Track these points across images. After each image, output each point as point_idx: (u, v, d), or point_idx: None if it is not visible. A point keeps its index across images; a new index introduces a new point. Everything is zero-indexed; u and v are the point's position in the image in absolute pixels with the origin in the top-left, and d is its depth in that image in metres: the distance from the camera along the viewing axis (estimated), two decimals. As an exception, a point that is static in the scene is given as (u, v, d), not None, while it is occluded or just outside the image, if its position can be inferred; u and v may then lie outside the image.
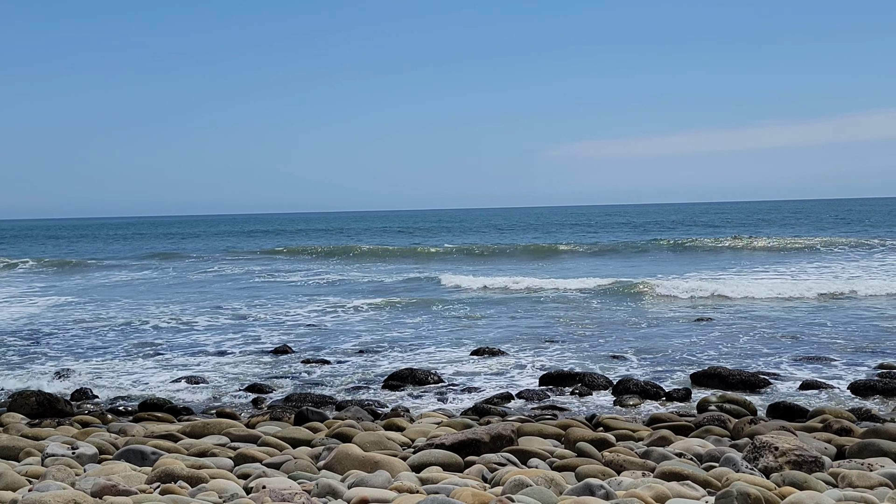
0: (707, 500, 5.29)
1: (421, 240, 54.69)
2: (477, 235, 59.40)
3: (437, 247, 41.54)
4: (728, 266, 28.32)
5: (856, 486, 5.61)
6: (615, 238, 48.69)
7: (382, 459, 6.25)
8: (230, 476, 6.04)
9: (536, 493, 5.15)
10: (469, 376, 11.66)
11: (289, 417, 8.94)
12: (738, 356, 12.48)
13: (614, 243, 40.39)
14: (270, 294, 23.20)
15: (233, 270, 32.82)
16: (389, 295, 21.82)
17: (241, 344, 14.64)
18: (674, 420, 8.40)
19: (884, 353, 12.37)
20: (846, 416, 8.34)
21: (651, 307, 18.26)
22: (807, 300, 18.33)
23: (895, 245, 33.00)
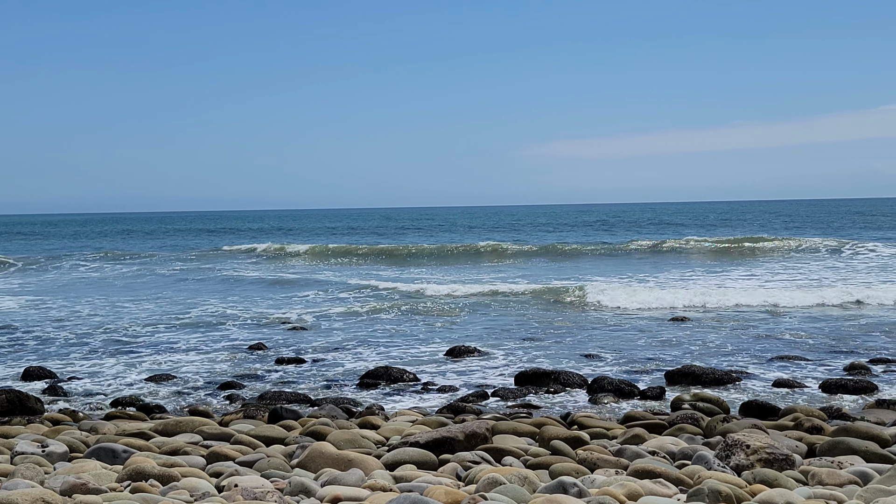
0: (679, 497, 5.32)
1: (378, 239, 54.38)
2: (449, 235, 59.42)
3: (408, 246, 41.01)
4: (686, 269, 28.46)
5: (825, 483, 5.66)
6: (575, 238, 48.51)
7: (356, 458, 6.23)
8: (202, 475, 6.00)
9: (510, 492, 5.16)
10: (444, 375, 11.66)
11: (262, 416, 8.89)
12: (712, 355, 12.57)
13: (568, 244, 39.89)
14: (246, 292, 23.09)
15: (210, 268, 32.62)
16: (363, 294, 21.79)
17: (216, 342, 14.55)
18: (647, 418, 8.44)
19: (855, 353, 12.50)
20: (817, 415, 8.42)
21: (609, 311, 18.32)
22: (775, 306, 18.49)
23: (862, 246, 33.22)
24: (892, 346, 13.04)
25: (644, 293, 18.75)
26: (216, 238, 60.44)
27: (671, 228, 59.38)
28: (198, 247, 48.46)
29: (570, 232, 59.35)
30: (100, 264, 35.66)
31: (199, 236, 65.12)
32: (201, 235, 66.34)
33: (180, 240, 59.28)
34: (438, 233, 63.30)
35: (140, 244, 55.29)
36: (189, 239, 60.44)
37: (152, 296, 22.43)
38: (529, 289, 20.92)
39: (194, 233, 71.22)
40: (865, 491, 5.31)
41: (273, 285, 24.94)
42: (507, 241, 42.67)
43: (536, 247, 38.38)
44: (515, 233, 59.82)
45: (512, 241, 42.57)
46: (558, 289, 20.48)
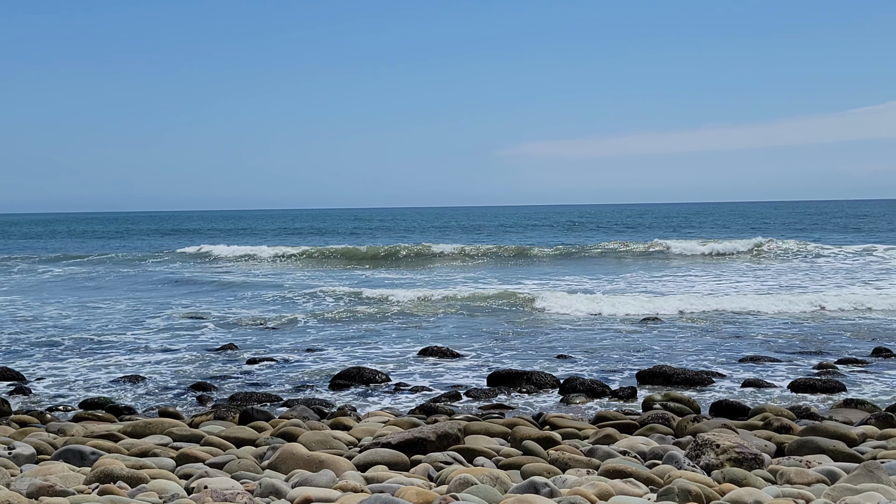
0: (650, 497, 5.35)
1: (345, 240, 54.02)
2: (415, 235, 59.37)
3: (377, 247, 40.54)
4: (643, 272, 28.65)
5: (794, 482, 5.71)
6: (542, 240, 48.30)
7: (327, 459, 6.20)
8: (171, 476, 5.95)
9: (481, 492, 5.16)
10: (417, 375, 11.65)
11: (233, 417, 8.83)
12: (683, 356, 12.65)
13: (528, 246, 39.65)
14: (217, 293, 22.93)
15: (182, 269, 32.38)
16: (331, 295, 21.71)
17: (186, 342, 14.44)
18: (619, 418, 8.47)
19: (824, 354, 12.64)
20: (786, 415, 8.50)
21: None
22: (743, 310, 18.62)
23: (829, 250, 33.50)
24: (859, 346, 13.19)
25: (603, 300, 18.62)
26: (183, 238, 59.67)
27: (638, 231, 59.53)
28: (169, 246, 47.87)
29: (535, 233, 59.44)
30: (78, 264, 35.25)
31: (168, 237, 64.51)
32: (169, 236, 65.69)
33: (137, 241, 58.39)
34: (408, 233, 63.05)
35: (118, 242, 54.71)
36: (155, 240, 59.79)
37: (123, 296, 22.21)
38: (498, 290, 20.94)
39: (158, 234, 70.28)
40: (833, 490, 5.36)
41: (240, 287, 24.77)
42: (477, 243, 42.47)
43: (496, 247, 38.16)
44: (476, 234, 59.85)
45: (472, 243, 41.78)
46: (516, 293, 20.52)
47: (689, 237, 46.27)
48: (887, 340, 13.52)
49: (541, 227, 68.09)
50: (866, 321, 15.66)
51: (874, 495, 5.14)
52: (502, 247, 38.23)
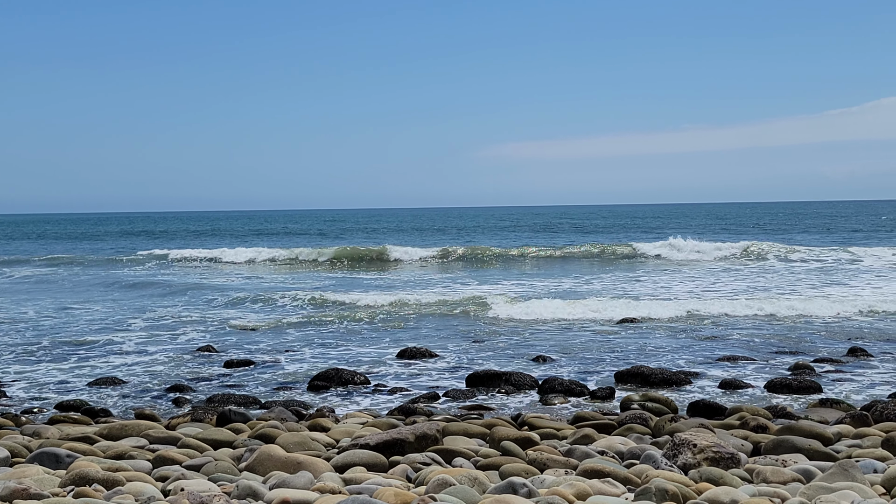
0: (627, 496, 5.37)
1: (315, 241, 53.71)
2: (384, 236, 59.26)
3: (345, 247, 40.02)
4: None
5: (770, 481, 5.75)
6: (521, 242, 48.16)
7: (305, 460, 6.18)
8: (148, 479, 5.90)
9: (459, 492, 5.16)
10: (395, 377, 11.63)
11: (210, 418, 8.77)
12: (661, 356, 12.72)
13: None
14: (195, 294, 22.79)
15: (161, 270, 32.18)
16: (308, 297, 21.65)
17: (164, 344, 14.35)
18: (597, 418, 8.50)
19: (801, 353, 12.74)
20: (762, 414, 8.56)
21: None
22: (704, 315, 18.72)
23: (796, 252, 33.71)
24: (835, 346, 13.31)
25: (580, 304, 18.59)
26: (159, 240, 59.09)
27: (615, 232, 59.59)
28: (129, 250, 47.23)
29: (512, 234, 59.40)
30: (56, 265, 34.91)
31: (139, 238, 63.96)
32: (139, 237, 65.11)
33: (101, 243, 57.54)
34: (382, 235, 62.67)
35: (99, 243, 54.16)
36: (126, 241, 59.15)
37: (101, 298, 22.04)
38: (474, 293, 20.96)
39: (130, 235, 69.55)
40: (808, 488, 5.40)
41: (213, 289, 24.63)
42: (454, 244, 42.35)
43: (472, 248, 37.94)
44: (445, 235, 59.78)
45: (448, 245, 41.20)
46: (489, 294, 20.53)
47: (666, 239, 46.52)
48: (862, 340, 13.65)
49: (517, 229, 68.09)
50: (841, 321, 15.79)
51: (849, 494, 5.19)
52: (480, 248, 38.11)
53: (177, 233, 72.94)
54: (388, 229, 73.96)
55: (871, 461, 6.27)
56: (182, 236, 65.84)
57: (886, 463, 6.31)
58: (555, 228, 67.72)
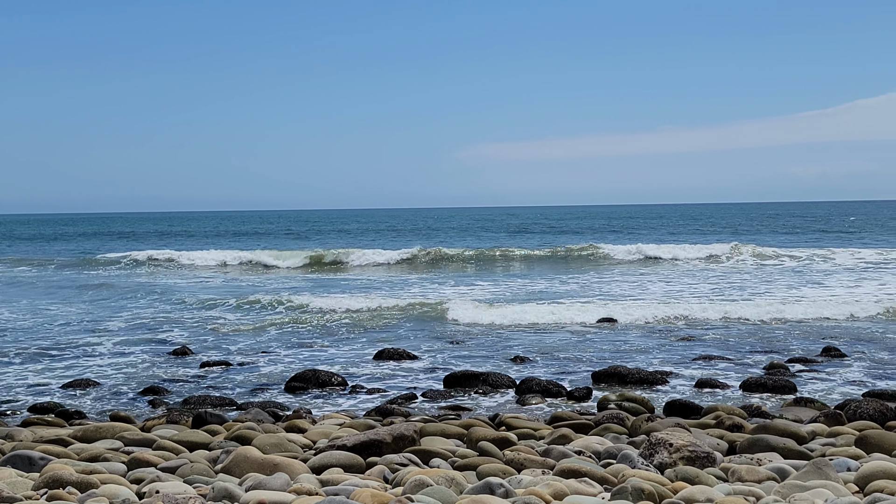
0: (604, 496, 5.38)
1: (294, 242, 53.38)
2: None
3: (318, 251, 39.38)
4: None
5: (745, 480, 5.79)
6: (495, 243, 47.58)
7: (282, 461, 6.15)
8: (122, 481, 5.85)
9: (437, 493, 5.15)
10: (373, 378, 11.61)
11: (186, 420, 8.72)
12: (638, 356, 12.78)
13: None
14: (169, 295, 22.63)
15: (136, 270, 31.92)
16: (284, 298, 21.57)
17: (139, 345, 14.23)
18: (574, 418, 8.53)
19: (776, 353, 12.85)
20: (738, 413, 8.62)
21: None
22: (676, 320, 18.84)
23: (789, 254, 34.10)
24: (809, 346, 13.43)
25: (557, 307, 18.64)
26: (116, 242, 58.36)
27: (587, 234, 59.34)
28: (129, 248, 46.87)
29: (486, 235, 59.15)
30: (33, 266, 34.50)
31: (129, 239, 63.29)
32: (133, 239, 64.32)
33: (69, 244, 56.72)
34: (356, 236, 62.32)
35: (77, 245, 53.58)
36: (101, 242, 58.45)
37: (76, 299, 21.83)
38: (450, 293, 20.94)
39: (106, 236, 68.53)
40: (783, 487, 5.45)
41: (183, 291, 24.49)
42: (436, 246, 42.13)
43: (436, 249, 37.37)
44: (411, 236, 59.55)
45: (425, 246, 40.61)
46: (464, 297, 20.53)
47: (642, 240, 46.67)
48: (835, 340, 13.78)
49: (493, 230, 67.93)
50: (814, 321, 15.93)
51: (822, 492, 5.23)
52: (456, 250, 37.80)
53: (147, 234, 71.72)
54: (361, 230, 73.53)
55: (844, 459, 6.33)
56: (150, 237, 64.72)
57: (860, 461, 6.37)
58: (531, 229, 67.61)
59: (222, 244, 49.44)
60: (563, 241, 47.60)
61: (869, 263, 29.23)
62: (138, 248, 42.15)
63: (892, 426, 7.80)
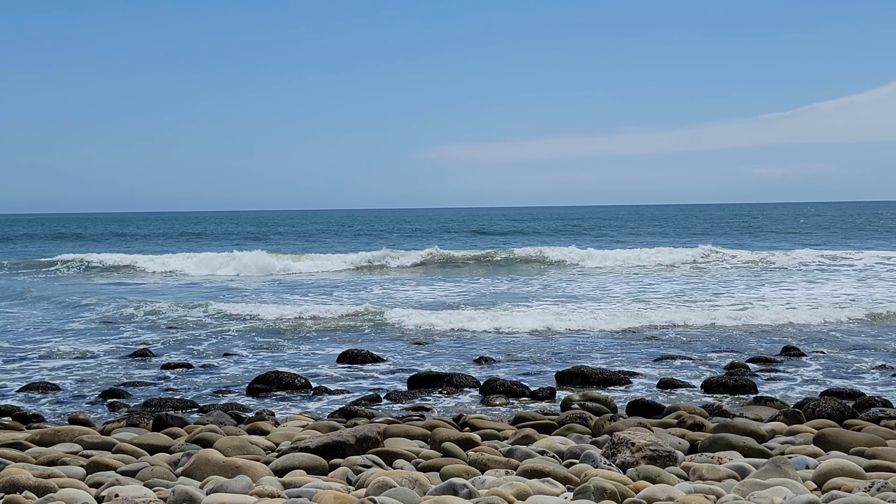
0: (567, 495, 5.41)
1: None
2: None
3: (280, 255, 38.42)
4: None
5: (705, 478, 5.85)
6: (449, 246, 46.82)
7: (244, 464, 6.10)
8: (81, 485, 5.77)
9: (399, 494, 5.14)
10: (336, 380, 11.57)
11: (147, 423, 8.61)
12: (601, 357, 12.86)
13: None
14: (131, 297, 22.38)
15: (100, 271, 31.50)
16: (249, 300, 21.45)
17: (99, 347, 14.04)
18: (538, 419, 8.55)
19: (737, 352, 13.00)
20: (699, 413, 8.71)
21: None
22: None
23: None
24: (769, 345, 13.61)
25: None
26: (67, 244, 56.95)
27: (549, 235, 59.05)
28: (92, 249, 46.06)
29: (447, 236, 58.58)
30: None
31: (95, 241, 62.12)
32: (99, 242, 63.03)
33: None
34: (313, 238, 61.45)
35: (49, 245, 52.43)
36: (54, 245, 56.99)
37: (34, 298, 21.49)
38: (416, 295, 20.90)
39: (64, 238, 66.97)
40: (742, 485, 5.51)
41: (158, 290, 24.26)
42: (401, 248, 41.86)
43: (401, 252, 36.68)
44: (350, 235, 59.26)
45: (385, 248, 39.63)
46: (435, 300, 20.49)
47: (603, 240, 46.95)
48: (794, 339, 13.98)
49: (452, 232, 67.19)
50: (774, 321, 16.13)
51: (781, 489, 5.30)
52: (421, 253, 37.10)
53: (102, 236, 69.75)
54: (320, 231, 72.77)
55: (803, 457, 6.41)
56: (104, 239, 63.06)
57: (818, 459, 6.47)
58: (490, 231, 67.17)
59: (174, 247, 48.38)
60: (530, 241, 47.45)
61: (822, 264, 29.58)
62: (82, 251, 40.86)
63: (849, 424, 7.92)
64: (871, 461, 6.34)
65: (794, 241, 45.36)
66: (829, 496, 5.14)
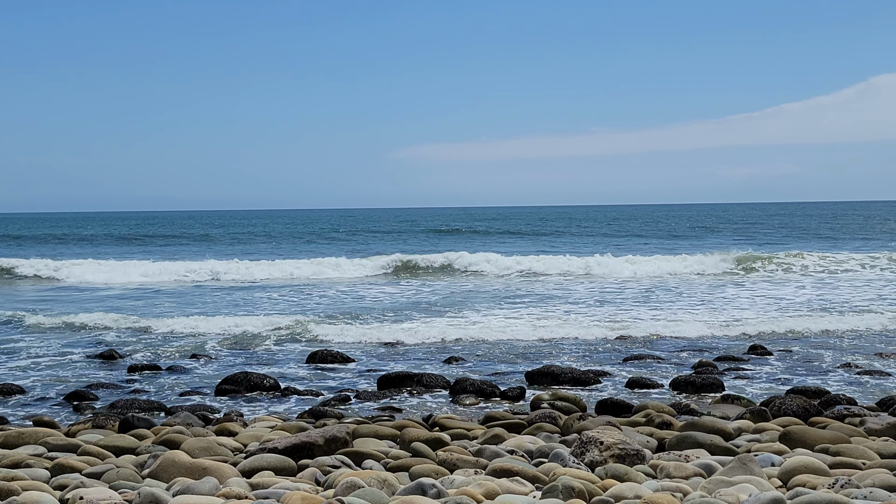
0: (535, 495, 5.42)
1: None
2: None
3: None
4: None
5: (673, 476, 5.89)
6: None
7: (211, 465, 6.05)
8: (45, 488, 5.70)
9: (368, 495, 5.13)
10: (306, 380, 11.51)
11: (113, 425, 8.51)
12: (571, 356, 12.91)
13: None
14: (93, 298, 22.12)
15: (68, 271, 31.07)
16: (214, 299, 21.29)
17: (64, 349, 13.86)
18: (507, 418, 8.57)
19: (704, 352, 13.11)
20: (667, 411, 8.76)
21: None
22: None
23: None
24: (736, 344, 13.74)
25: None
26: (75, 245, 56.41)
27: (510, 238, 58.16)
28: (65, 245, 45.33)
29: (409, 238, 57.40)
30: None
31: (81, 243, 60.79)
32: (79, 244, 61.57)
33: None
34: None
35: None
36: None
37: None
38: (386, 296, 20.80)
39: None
40: (709, 482, 5.56)
41: (124, 291, 23.98)
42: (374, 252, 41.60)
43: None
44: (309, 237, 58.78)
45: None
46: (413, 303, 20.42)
47: (563, 239, 46.80)
48: (760, 338, 14.12)
49: (410, 232, 65.61)
50: (740, 321, 16.27)
51: (747, 487, 5.35)
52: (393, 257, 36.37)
53: (46, 238, 66.98)
54: (259, 233, 70.81)
55: (768, 455, 6.48)
56: (43, 242, 60.76)
57: (783, 456, 6.54)
58: (454, 232, 65.44)
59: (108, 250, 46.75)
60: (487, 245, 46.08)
61: (788, 266, 29.84)
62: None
63: (815, 422, 8.02)
64: (835, 458, 6.43)
65: (757, 242, 45.80)
66: (793, 493, 5.20)
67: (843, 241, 44.59)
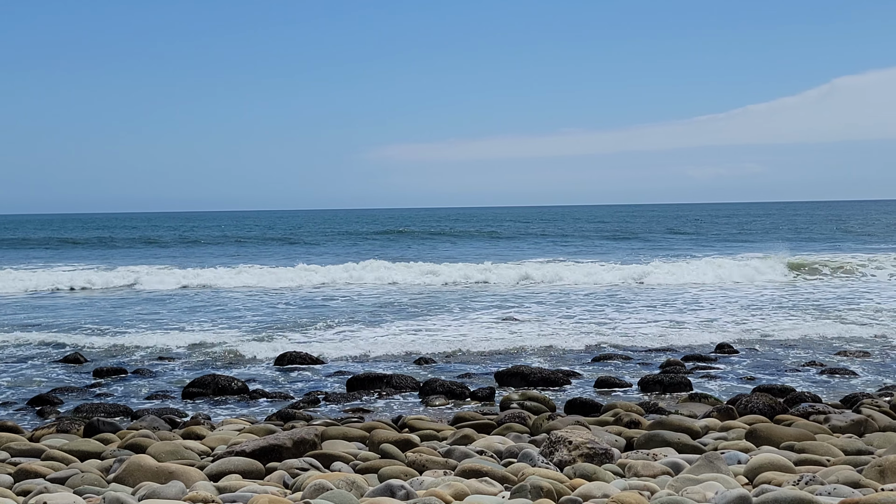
0: (504, 495, 5.42)
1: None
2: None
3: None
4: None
5: (640, 475, 5.92)
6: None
7: (177, 469, 5.99)
8: (8, 493, 5.60)
9: (336, 497, 5.10)
10: (274, 382, 11.44)
11: (78, 429, 8.40)
12: (541, 357, 12.93)
13: None
14: (57, 300, 21.84)
15: (32, 272, 30.60)
16: (182, 301, 21.11)
17: (27, 352, 13.67)
18: (477, 418, 8.57)
19: (672, 351, 13.20)
20: (635, 410, 8.81)
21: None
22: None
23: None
24: (704, 343, 13.85)
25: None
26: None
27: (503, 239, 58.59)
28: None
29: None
30: None
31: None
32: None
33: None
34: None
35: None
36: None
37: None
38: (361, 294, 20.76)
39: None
40: (676, 480, 5.59)
41: (87, 293, 23.70)
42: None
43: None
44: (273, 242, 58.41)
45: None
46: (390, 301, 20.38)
47: (538, 240, 47.04)
48: (726, 337, 14.25)
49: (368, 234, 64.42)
50: (707, 321, 16.43)
51: (713, 484, 5.39)
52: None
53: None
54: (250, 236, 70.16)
55: (735, 453, 6.54)
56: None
57: (749, 454, 6.59)
58: (414, 235, 64.17)
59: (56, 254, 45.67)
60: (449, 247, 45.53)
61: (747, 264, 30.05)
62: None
63: (780, 420, 8.10)
64: (800, 455, 6.49)
65: (720, 243, 46.23)
66: (759, 490, 5.24)
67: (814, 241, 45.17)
